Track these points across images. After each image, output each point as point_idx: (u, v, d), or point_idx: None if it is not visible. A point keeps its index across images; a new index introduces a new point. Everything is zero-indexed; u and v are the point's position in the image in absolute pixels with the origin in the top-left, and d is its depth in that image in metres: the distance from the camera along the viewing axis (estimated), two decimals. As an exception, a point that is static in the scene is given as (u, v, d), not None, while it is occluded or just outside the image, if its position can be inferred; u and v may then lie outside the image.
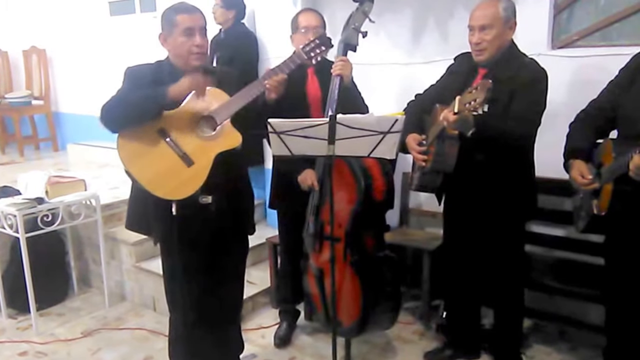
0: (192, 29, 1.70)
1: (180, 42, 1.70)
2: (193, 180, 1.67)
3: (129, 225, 1.93)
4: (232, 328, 2.05)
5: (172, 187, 1.67)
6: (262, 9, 3.23)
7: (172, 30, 1.71)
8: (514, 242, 2.06)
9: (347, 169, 2.02)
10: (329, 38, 1.83)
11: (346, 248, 2.04)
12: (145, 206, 1.81)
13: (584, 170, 1.72)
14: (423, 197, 2.85)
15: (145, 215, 1.83)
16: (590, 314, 2.34)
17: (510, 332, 2.16)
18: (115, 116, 1.67)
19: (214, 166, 1.67)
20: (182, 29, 1.69)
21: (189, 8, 1.73)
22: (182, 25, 1.69)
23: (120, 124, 1.67)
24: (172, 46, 1.73)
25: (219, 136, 1.70)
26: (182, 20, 1.69)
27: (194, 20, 1.71)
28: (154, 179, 1.67)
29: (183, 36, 1.69)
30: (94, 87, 4.63)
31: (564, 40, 2.44)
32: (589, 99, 1.86)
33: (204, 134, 1.70)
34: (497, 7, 1.86)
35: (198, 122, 1.70)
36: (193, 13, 1.72)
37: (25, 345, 2.58)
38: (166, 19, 1.73)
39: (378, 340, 2.49)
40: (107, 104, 1.68)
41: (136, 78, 1.74)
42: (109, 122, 1.67)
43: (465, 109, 1.64)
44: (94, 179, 3.35)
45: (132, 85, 1.72)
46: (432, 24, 2.72)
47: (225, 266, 1.92)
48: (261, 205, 3.43)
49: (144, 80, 1.72)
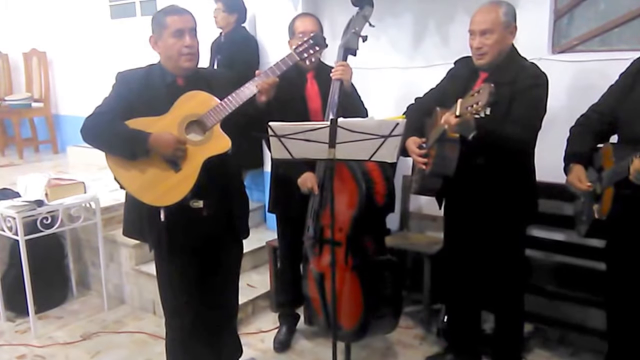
0: (182, 30, 1.70)
1: (170, 43, 1.70)
2: (181, 185, 1.66)
3: (126, 232, 1.92)
4: (227, 332, 2.04)
5: (159, 193, 1.67)
6: (263, 13, 3.24)
7: (162, 33, 1.71)
8: (514, 246, 2.05)
9: (347, 173, 2.01)
10: (323, 37, 1.83)
11: (347, 252, 2.03)
12: (139, 212, 1.79)
13: (582, 175, 1.72)
14: (423, 200, 2.85)
15: (140, 222, 1.82)
16: (591, 318, 2.33)
17: (511, 337, 2.15)
18: (94, 140, 1.71)
19: (204, 171, 1.66)
20: (172, 31, 1.69)
21: (178, 10, 1.73)
22: (172, 26, 1.69)
23: (97, 147, 1.71)
24: (163, 48, 1.72)
25: (207, 141, 1.69)
26: (172, 21, 1.70)
27: (183, 21, 1.71)
28: (141, 186, 1.67)
29: (173, 37, 1.69)
30: (94, 90, 4.58)
31: (564, 45, 2.44)
32: (589, 104, 1.86)
33: (193, 138, 1.69)
34: (498, 11, 1.86)
35: (187, 126, 1.69)
36: (183, 15, 1.72)
37: (23, 348, 2.56)
38: (156, 21, 1.73)
39: (378, 344, 2.48)
40: (92, 121, 1.70)
41: (126, 84, 1.74)
42: (88, 140, 1.71)
43: (467, 112, 1.64)
44: (94, 181, 3.35)
45: (122, 91, 1.73)
46: (433, 28, 2.73)
47: (218, 270, 1.91)
48: (261, 209, 3.43)
49: (133, 85, 1.72)
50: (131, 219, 1.85)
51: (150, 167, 1.67)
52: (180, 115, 1.69)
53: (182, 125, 1.69)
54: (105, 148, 1.69)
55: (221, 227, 1.84)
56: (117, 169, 1.68)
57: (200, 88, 1.73)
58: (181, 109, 1.69)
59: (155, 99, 1.71)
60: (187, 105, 1.70)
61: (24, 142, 4.91)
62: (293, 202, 2.21)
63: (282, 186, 2.28)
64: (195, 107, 1.69)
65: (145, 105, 1.70)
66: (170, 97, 1.71)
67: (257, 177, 3.44)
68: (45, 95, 4.97)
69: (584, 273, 2.32)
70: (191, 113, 1.69)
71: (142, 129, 1.66)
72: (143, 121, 1.68)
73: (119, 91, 1.74)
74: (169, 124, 1.68)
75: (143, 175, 1.66)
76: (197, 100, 1.70)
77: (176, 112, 1.69)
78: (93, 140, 1.70)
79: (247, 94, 1.70)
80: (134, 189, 1.68)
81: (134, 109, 1.69)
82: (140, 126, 1.67)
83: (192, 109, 1.69)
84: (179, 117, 1.69)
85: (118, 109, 1.70)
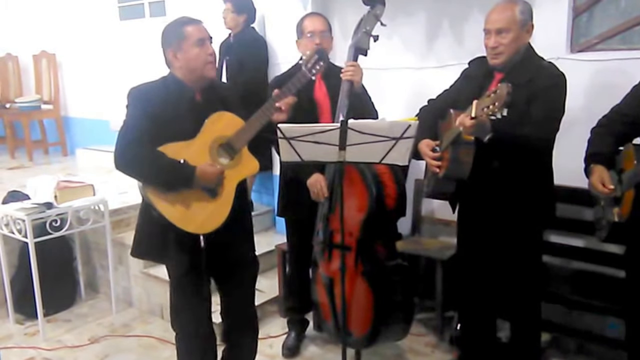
0: (203, 39, 1.69)
1: (195, 53, 1.67)
2: (219, 212, 1.68)
3: (138, 254, 1.87)
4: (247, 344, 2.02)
5: (200, 221, 1.67)
6: (272, 13, 3.22)
7: (182, 44, 1.67)
8: (531, 252, 2.00)
9: (358, 176, 1.99)
10: (324, 50, 1.85)
11: (357, 257, 2.00)
12: (161, 237, 1.74)
13: (605, 176, 1.66)
14: (436, 204, 2.80)
15: (157, 246, 1.77)
16: (607, 328, 2.26)
17: (527, 346, 2.08)
18: (133, 172, 1.66)
19: (236, 194, 1.68)
20: (195, 40, 1.67)
21: (192, 20, 1.72)
22: (194, 36, 1.67)
23: (135, 177, 1.67)
24: (185, 60, 1.68)
25: (238, 164, 1.71)
26: (191, 31, 1.68)
27: (201, 30, 1.70)
28: (184, 216, 1.66)
29: (196, 47, 1.67)
30: (104, 92, 4.65)
31: (584, 43, 2.37)
32: (609, 105, 1.81)
33: (224, 162, 1.70)
34: (514, 10, 1.81)
35: (216, 150, 1.69)
36: (199, 24, 1.71)
37: (32, 351, 2.57)
38: (172, 34, 1.70)
39: (389, 352, 2.44)
40: (126, 151, 1.63)
41: (144, 101, 1.68)
42: (126, 172, 1.66)
43: (483, 114, 1.60)
44: (103, 184, 3.35)
45: (144, 109, 1.67)
46: (447, 27, 2.68)
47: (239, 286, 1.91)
48: (270, 213, 3.40)
49: (155, 101, 1.68)
50: (143, 242, 1.81)
51: (189, 196, 1.66)
52: (210, 139, 1.69)
53: (213, 149, 1.69)
54: (145, 180, 1.66)
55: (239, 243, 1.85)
56: (158, 200, 1.65)
57: (217, 104, 1.72)
58: (209, 131, 1.69)
59: (177, 116, 1.68)
60: (214, 127, 1.69)
61: (33, 145, 4.94)
62: (302, 206, 2.18)
63: (291, 190, 2.25)
64: (223, 129, 1.70)
65: (168, 123, 1.66)
66: (190, 114, 1.69)
67: (267, 181, 3.41)
68: (55, 97, 5.01)
69: (604, 280, 2.26)
70: (219, 135, 1.70)
71: (173, 155, 1.64)
72: (174, 147, 1.66)
73: (141, 109, 1.67)
74: (200, 148, 1.68)
75: (184, 205, 1.65)
76: (223, 122, 1.70)
77: (205, 136, 1.68)
78: (132, 172, 1.66)
79: (269, 113, 1.71)
80: (176, 218, 1.65)
81: (158, 127, 1.65)
82: (172, 153, 1.64)
83: (219, 132, 1.69)
84: (209, 141, 1.69)
85: (145, 131, 1.64)
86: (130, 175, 1.67)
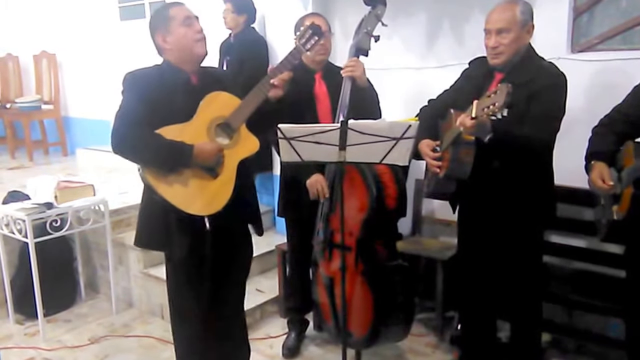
0: (190, 17, 1.70)
1: (183, 32, 1.68)
2: (222, 192, 1.65)
3: (141, 243, 1.84)
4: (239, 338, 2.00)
5: (204, 202, 1.65)
6: (273, 13, 3.22)
7: (169, 26, 1.69)
8: (531, 252, 1.99)
9: (358, 176, 1.98)
10: (318, 26, 1.81)
11: (357, 257, 1.99)
12: (163, 223, 1.72)
13: (605, 173, 1.66)
14: (436, 204, 2.79)
15: (159, 232, 1.74)
16: (611, 328, 2.25)
17: (527, 347, 2.08)
18: (131, 154, 1.64)
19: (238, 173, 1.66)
20: (181, 20, 1.69)
21: (176, 2, 1.74)
22: (179, 16, 1.69)
23: (133, 160, 1.65)
24: (174, 42, 1.69)
25: (237, 143, 1.69)
26: (176, 12, 1.70)
27: (186, 10, 1.72)
28: (186, 198, 1.64)
29: (183, 26, 1.68)
30: (104, 92, 4.64)
31: (584, 43, 2.37)
32: (610, 105, 1.81)
33: (223, 142, 1.68)
34: (515, 10, 1.81)
35: (214, 130, 1.68)
36: (182, 5, 1.73)
37: (32, 351, 2.56)
38: (158, 19, 1.72)
39: (389, 352, 2.43)
40: (123, 133, 1.61)
41: (140, 86, 1.68)
42: (124, 154, 1.64)
43: (483, 114, 1.60)
44: (103, 184, 3.35)
45: (140, 92, 1.66)
46: (447, 28, 2.68)
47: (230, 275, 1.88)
48: (270, 213, 3.40)
49: (148, 86, 1.67)
50: (150, 231, 1.78)
51: (190, 178, 1.64)
52: (207, 119, 1.67)
53: (211, 129, 1.67)
54: (143, 161, 1.64)
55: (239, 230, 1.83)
56: (158, 184, 1.63)
57: (214, 87, 1.71)
58: (206, 112, 1.67)
59: (173, 100, 1.68)
60: (210, 107, 1.67)
61: (33, 145, 4.94)
62: (303, 206, 2.18)
63: (291, 190, 2.24)
64: (220, 109, 1.68)
65: (165, 107, 1.66)
66: (187, 97, 1.68)
67: (267, 181, 3.41)
68: (55, 97, 5.01)
69: (604, 280, 2.26)
70: (217, 116, 1.68)
71: (172, 137, 1.63)
72: (172, 129, 1.64)
73: (137, 93, 1.67)
74: (197, 129, 1.66)
75: (185, 187, 1.63)
76: (219, 101, 1.69)
77: (202, 116, 1.67)
78: (130, 154, 1.64)
79: (265, 90, 1.69)
80: (178, 201, 1.63)
81: (155, 111, 1.64)
82: (170, 135, 1.63)
83: (216, 112, 1.68)
84: (206, 122, 1.67)
85: (142, 114, 1.64)
86: (128, 158, 1.65)
